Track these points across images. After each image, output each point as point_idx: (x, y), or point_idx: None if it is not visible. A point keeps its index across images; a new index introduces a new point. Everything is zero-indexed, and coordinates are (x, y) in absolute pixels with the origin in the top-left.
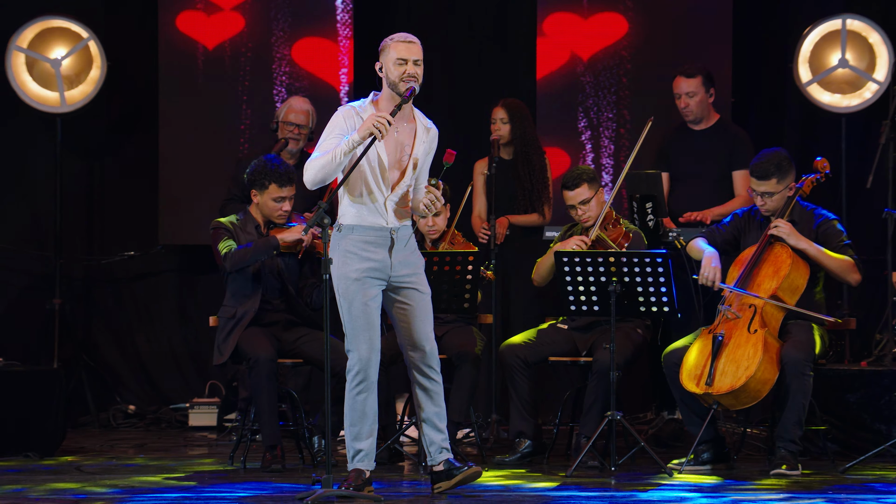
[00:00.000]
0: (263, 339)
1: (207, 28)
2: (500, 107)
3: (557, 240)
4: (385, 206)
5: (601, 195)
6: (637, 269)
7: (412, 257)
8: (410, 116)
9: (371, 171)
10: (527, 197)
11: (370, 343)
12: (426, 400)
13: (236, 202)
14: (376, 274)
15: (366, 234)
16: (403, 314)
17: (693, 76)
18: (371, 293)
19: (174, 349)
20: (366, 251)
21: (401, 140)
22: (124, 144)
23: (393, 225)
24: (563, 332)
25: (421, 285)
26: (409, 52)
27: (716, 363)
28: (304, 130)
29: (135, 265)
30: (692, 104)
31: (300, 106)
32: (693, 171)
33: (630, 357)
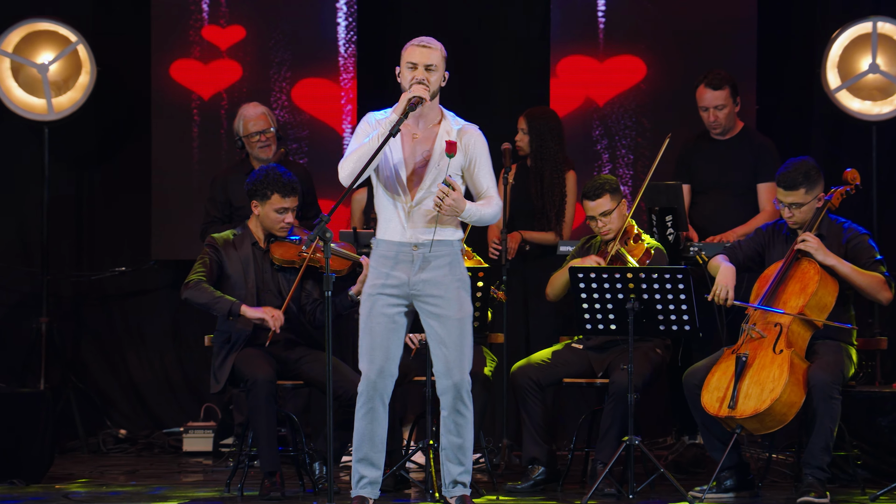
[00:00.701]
0: (262, 360)
1: (203, 76)
2: (523, 116)
3: (573, 254)
4: (405, 217)
5: (623, 207)
6: (656, 286)
7: (444, 276)
8: (436, 118)
9: (389, 178)
10: (538, 213)
11: (375, 364)
12: (450, 431)
13: (217, 224)
14: (392, 291)
15: (386, 248)
16: (431, 340)
17: (720, 87)
18: (381, 311)
19: (167, 370)
20: (384, 266)
21: (421, 144)
22: (115, 154)
23: (414, 239)
24: (578, 353)
25: (450, 308)
26: (419, 57)
27: (739, 385)
28: (269, 135)
29: (126, 281)
30: (721, 117)
31: (254, 112)
32: (716, 183)
33: (649, 378)
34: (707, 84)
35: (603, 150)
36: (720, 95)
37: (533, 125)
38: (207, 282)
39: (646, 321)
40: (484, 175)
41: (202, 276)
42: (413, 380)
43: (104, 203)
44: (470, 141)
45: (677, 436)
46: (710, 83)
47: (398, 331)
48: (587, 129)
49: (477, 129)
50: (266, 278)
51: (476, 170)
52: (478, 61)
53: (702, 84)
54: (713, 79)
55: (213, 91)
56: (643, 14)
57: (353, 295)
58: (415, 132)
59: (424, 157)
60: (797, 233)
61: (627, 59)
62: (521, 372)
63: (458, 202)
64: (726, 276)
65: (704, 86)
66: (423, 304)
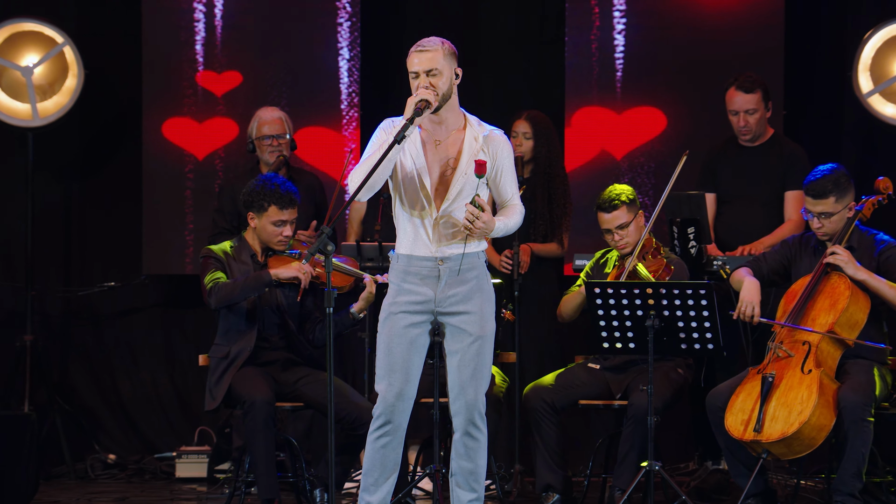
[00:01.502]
0: (260, 380)
1: (197, 138)
2: (523, 119)
3: (588, 269)
4: (429, 230)
5: (640, 219)
6: (678, 302)
7: (471, 291)
8: (460, 123)
9: (411, 188)
10: (545, 223)
11: (393, 386)
12: (461, 456)
13: (225, 235)
14: (415, 308)
15: (408, 263)
16: (448, 357)
17: (752, 91)
18: (401, 330)
19: (160, 392)
20: (407, 282)
21: (445, 151)
22: (104, 162)
23: (440, 253)
24: (594, 373)
25: (472, 325)
26: (418, 63)
27: (765, 407)
28: (282, 141)
29: (116, 297)
30: (751, 122)
31: (271, 115)
32: (742, 193)
33: (670, 400)
34: (738, 87)
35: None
36: (752, 99)
37: (538, 128)
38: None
39: (666, 339)
40: (508, 183)
41: (220, 278)
42: (421, 401)
43: (92, 214)
44: (497, 148)
45: (700, 461)
46: (742, 86)
47: (419, 351)
48: (603, 182)
49: (503, 135)
50: (263, 294)
51: (501, 178)
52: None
53: (732, 86)
54: (744, 81)
55: (209, 95)
56: (661, 43)
57: (354, 313)
58: (437, 138)
59: (450, 164)
60: (826, 245)
61: (646, 110)
62: (534, 393)
63: (488, 223)
64: (751, 291)
65: (735, 88)
66: (445, 320)
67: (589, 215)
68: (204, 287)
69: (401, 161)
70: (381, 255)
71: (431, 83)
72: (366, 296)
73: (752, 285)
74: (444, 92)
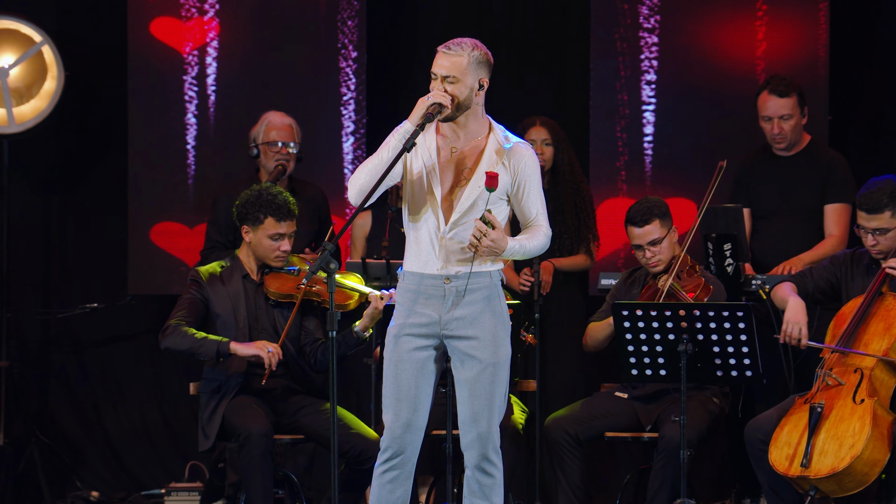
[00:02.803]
0: (256, 410)
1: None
2: (539, 126)
3: (614, 291)
4: (437, 245)
5: (674, 235)
6: (713, 325)
7: (480, 313)
8: (483, 132)
9: (420, 198)
10: (572, 235)
11: (401, 417)
12: (475, 493)
13: (220, 250)
14: (421, 331)
15: (415, 281)
16: (457, 386)
17: (787, 95)
18: (408, 354)
19: (147, 423)
20: (412, 302)
21: (461, 161)
22: (86, 172)
23: (446, 271)
24: (622, 403)
25: (484, 351)
26: (438, 66)
27: (813, 440)
28: (291, 150)
29: (100, 320)
30: (786, 129)
31: (281, 121)
32: (778, 207)
33: (704, 432)
34: (771, 91)
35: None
36: (786, 104)
37: (556, 135)
38: (190, 324)
39: (701, 366)
40: (534, 201)
41: (181, 320)
42: (432, 433)
43: (74, 229)
44: (520, 162)
45: (737, 498)
46: (775, 90)
47: (428, 378)
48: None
49: (529, 149)
50: (260, 316)
51: (525, 195)
52: None
53: (765, 91)
54: (778, 85)
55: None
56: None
57: (358, 331)
58: (455, 146)
59: (464, 175)
60: (881, 263)
61: (678, 202)
62: (555, 424)
63: (497, 242)
64: (797, 311)
65: (768, 92)
66: (454, 343)
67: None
68: (168, 321)
69: (411, 167)
70: (389, 273)
71: (447, 90)
72: (371, 312)
73: (798, 304)
74: (461, 101)
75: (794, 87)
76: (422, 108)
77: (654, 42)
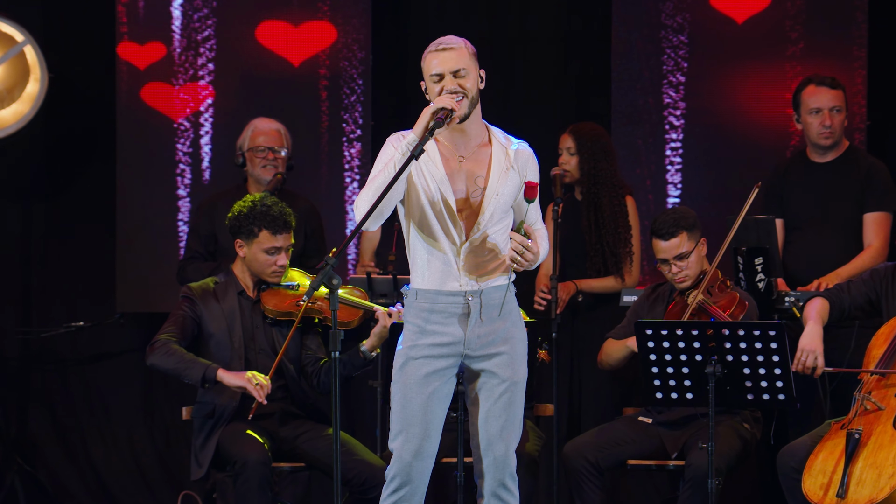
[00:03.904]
0: (253, 436)
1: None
2: (567, 134)
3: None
4: (456, 260)
5: (703, 248)
6: (743, 346)
7: (500, 329)
8: (483, 138)
9: (432, 213)
10: (597, 253)
11: (410, 443)
12: None
13: (199, 261)
14: (441, 351)
15: (431, 299)
16: (471, 407)
17: (837, 87)
18: (421, 377)
19: (136, 450)
20: (430, 322)
21: (471, 169)
22: (71, 181)
23: (469, 287)
24: (646, 428)
25: (501, 368)
26: (442, 64)
27: (851, 468)
28: (279, 155)
29: (86, 340)
30: (836, 123)
31: (268, 126)
32: (814, 216)
33: (734, 460)
34: (819, 83)
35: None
36: (837, 95)
37: (582, 142)
38: (179, 342)
39: (730, 389)
40: (537, 205)
41: (171, 336)
42: (443, 461)
43: (58, 242)
44: (527, 164)
45: None
46: (823, 81)
47: (441, 402)
48: None
49: (530, 149)
50: (257, 335)
51: (531, 203)
52: None
53: (811, 84)
54: (825, 78)
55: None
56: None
57: (365, 351)
58: (461, 153)
59: (478, 183)
60: None
61: (707, 211)
62: (574, 451)
63: (536, 255)
64: (812, 337)
65: (816, 85)
66: (475, 363)
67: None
68: (156, 336)
69: (416, 181)
70: (396, 289)
71: (461, 85)
72: (378, 331)
73: (814, 330)
74: (473, 95)
75: (839, 84)
76: (427, 116)
77: (682, 42)
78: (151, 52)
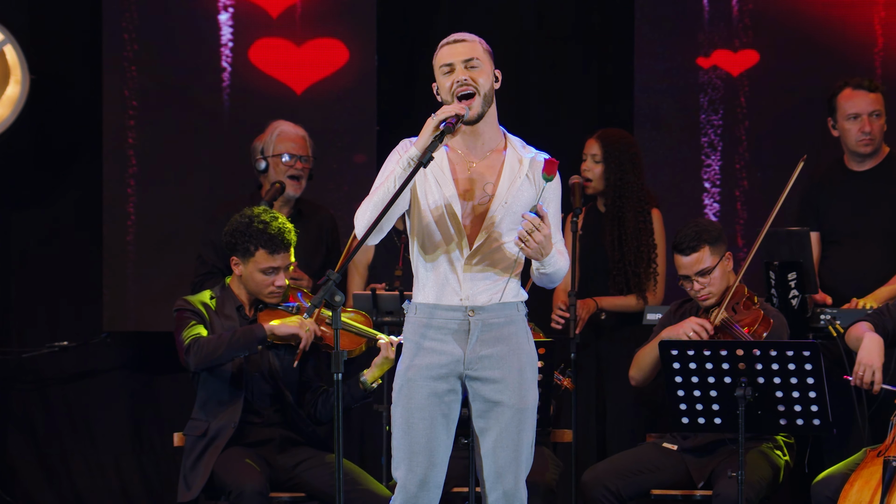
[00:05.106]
0: (249, 464)
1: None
2: (594, 139)
3: (663, 322)
4: (458, 272)
5: (728, 263)
6: (775, 367)
7: (507, 351)
8: (498, 144)
9: (435, 223)
10: (620, 271)
11: (415, 472)
12: None
13: (217, 276)
14: (439, 371)
15: (430, 314)
16: (477, 434)
17: (875, 90)
18: (423, 400)
19: (124, 478)
20: (428, 339)
21: (480, 175)
22: (54, 189)
23: (470, 301)
24: (670, 455)
25: (509, 394)
26: (453, 53)
27: (888, 499)
28: (305, 164)
29: (69, 360)
30: (876, 129)
31: (293, 131)
32: (853, 229)
33: (766, 489)
34: (856, 86)
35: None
36: (876, 99)
37: (609, 150)
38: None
39: (761, 413)
40: (556, 223)
41: (201, 333)
42: (452, 490)
43: (40, 255)
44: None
45: None
46: (860, 85)
47: (446, 426)
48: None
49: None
50: (253, 357)
51: (551, 216)
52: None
53: (847, 87)
54: (863, 80)
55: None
56: None
57: (366, 382)
58: (472, 160)
59: (486, 190)
60: None
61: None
62: (594, 480)
63: (547, 240)
64: (871, 351)
65: (853, 88)
66: (476, 386)
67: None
68: (181, 344)
69: (423, 190)
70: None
71: (472, 77)
72: (381, 361)
73: (874, 343)
74: (485, 91)
75: (878, 86)
76: (430, 127)
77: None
78: (146, 58)
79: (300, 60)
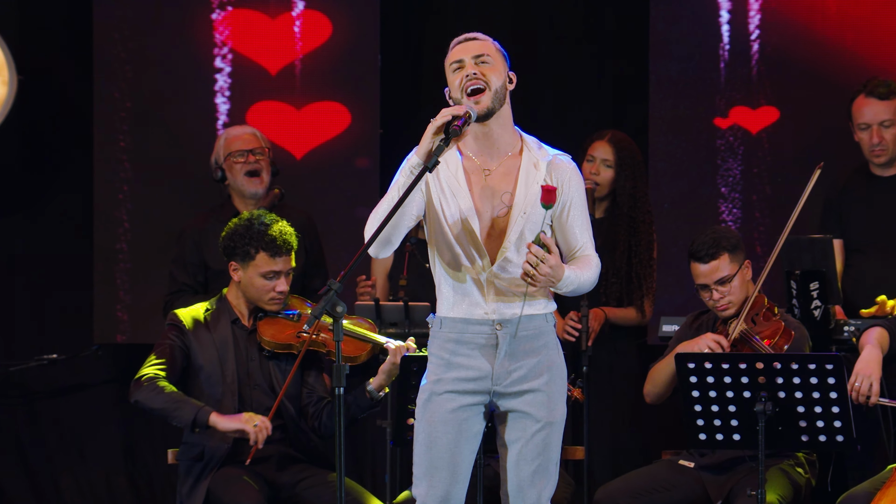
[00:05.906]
0: (247, 483)
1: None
2: (605, 141)
3: (679, 335)
4: (482, 286)
5: (747, 272)
6: (797, 380)
7: (539, 365)
8: (515, 146)
9: (457, 235)
10: (620, 281)
11: (437, 488)
12: None
13: (188, 295)
14: (467, 387)
15: (457, 329)
16: (501, 450)
17: (887, 97)
18: (447, 415)
19: (116, 496)
20: (454, 354)
21: (497, 183)
22: (43, 195)
23: (497, 315)
24: (687, 473)
25: (537, 408)
26: (463, 51)
27: None
28: (260, 157)
29: (59, 374)
30: (888, 138)
31: (239, 130)
32: (877, 238)
33: None
34: (868, 93)
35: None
36: (887, 108)
37: (622, 155)
38: (168, 378)
39: (782, 429)
40: (580, 225)
41: (159, 370)
42: None
43: (29, 264)
44: (564, 178)
45: None
46: (873, 92)
47: (470, 443)
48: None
49: (572, 162)
50: (252, 369)
51: (570, 218)
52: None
53: (861, 94)
54: (877, 86)
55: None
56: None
57: (373, 390)
58: (487, 167)
59: (504, 200)
60: None
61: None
62: (607, 498)
63: (556, 269)
64: (869, 362)
65: (865, 95)
66: (505, 401)
67: (681, 265)
68: (141, 370)
69: (438, 201)
70: (409, 317)
71: (482, 73)
72: (388, 368)
73: (872, 355)
74: (496, 87)
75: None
76: (430, 132)
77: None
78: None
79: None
